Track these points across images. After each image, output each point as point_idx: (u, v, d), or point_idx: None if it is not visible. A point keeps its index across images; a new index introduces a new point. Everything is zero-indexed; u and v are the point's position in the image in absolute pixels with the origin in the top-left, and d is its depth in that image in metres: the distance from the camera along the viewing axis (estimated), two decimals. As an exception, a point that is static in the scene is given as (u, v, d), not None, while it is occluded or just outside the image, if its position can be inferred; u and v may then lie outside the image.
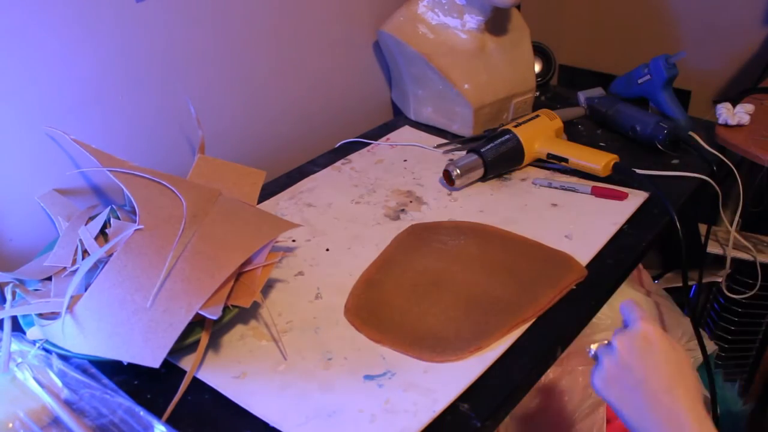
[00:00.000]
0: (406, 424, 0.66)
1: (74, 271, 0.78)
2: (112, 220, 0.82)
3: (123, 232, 0.74)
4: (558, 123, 1.13)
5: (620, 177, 1.05)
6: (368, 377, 0.72)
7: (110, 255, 0.74)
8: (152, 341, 0.67)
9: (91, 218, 0.86)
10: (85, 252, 0.79)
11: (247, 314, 0.80)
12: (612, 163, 1.04)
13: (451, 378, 0.71)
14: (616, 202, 1.01)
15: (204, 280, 0.70)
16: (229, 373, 0.74)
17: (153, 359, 0.67)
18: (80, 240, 0.80)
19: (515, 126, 1.11)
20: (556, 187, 1.06)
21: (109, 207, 0.86)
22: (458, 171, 1.06)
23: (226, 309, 0.73)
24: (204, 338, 0.73)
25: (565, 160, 1.08)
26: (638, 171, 1.09)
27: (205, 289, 0.69)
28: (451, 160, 1.10)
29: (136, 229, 0.73)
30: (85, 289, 0.71)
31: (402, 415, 0.67)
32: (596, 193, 1.03)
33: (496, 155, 1.08)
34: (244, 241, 0.77)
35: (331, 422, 0.67)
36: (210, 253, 0.73)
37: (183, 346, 0.72)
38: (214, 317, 0.69)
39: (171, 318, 0.68)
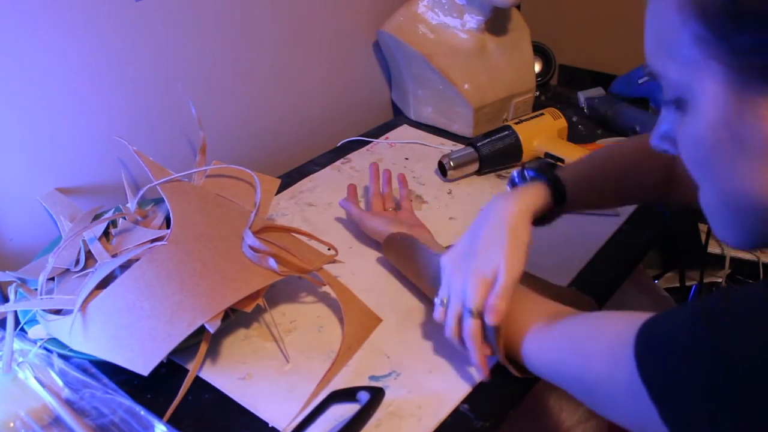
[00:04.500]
0: (411, 429, 0.66)
1: (78, 272, 0.78)
2: (120, 220, 0.82)
3: (150, 243, 0.75)
4: (562, 123, 1.13)
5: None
6: (374, 378, 0.72)
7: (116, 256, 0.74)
8: (148, 349, 0.67)
9: (97, 216, 0.86)
10: (89, 253, 0.79)
11: (250, 315, 0.80)
12: None
13: (456, 379, 0.71)
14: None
15: (216, 299, 0.70)
16: (234, 374, 0.73)
17: (143, 366, 0.67)
18: (83, 241, 0.80)
19: (516, 123, 1.11)
20: None
21: (114, 208, 0.87)
22: (452, 163, 1.08)
23: (227, 314, 0.73)
24: (203, 345, 0.73)
25: (561, 161, 1.08)
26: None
27: (213, 308, 0.69)
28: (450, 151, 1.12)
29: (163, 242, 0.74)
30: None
31: (407, 419, 0.67)
32: None
33: (492, 150, 1.09)
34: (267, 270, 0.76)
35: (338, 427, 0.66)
36: (229, 275, 0.73)
37: (188, 345, 0.72)
38: (212, 330, 0.69)
39: (171, 329, 0.68)
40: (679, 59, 0.45)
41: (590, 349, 0.55)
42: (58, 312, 0.74)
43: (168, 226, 0.82)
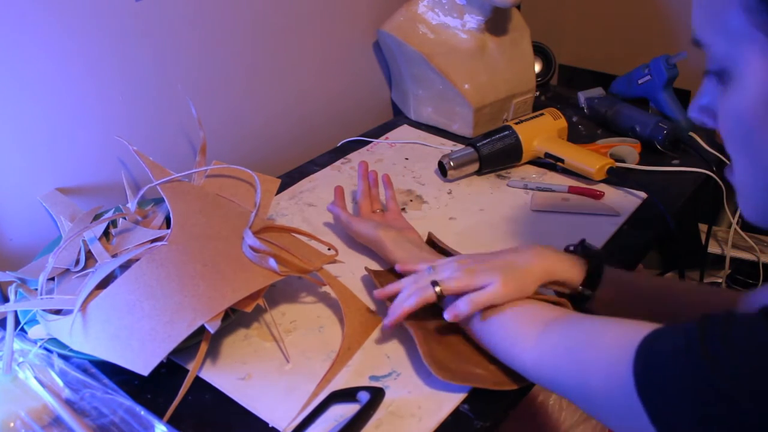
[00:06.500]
0: (411, 429, 0.66)
1: (78, 272, 0.78)
2: (120, 220, 0.82)
3: (151, 243, 0.75)
4: (562, 123, 1.13)
5: (616, 180, 1.05)
6: (374, 378, 0.72)
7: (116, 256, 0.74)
8: (148, 349, 0.67)
9: (97, 216, 0.86)
10: (89, 253, 0.79)
11: (251, 315, 0.80)
12: (607, 167, 1.04)
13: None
14: (616, 202, 1.01)
15: (215, 299, 0.70)
16: (234, 375, 0.73)
17: (144, 367, 0.67)
18: (83, 241, 0.80)
19: (516, 123, 1.11)
20: (531, 189, 1.06)
21: (114, 208, 0.86)
22: (452, 163, 1.08)
23: (227, 315, 0.73)
24: (203, 345, 0.73)
25: (561, 161, 1.08)
26: (638, 167, 1.09)
27: (213, 308, 0.69)
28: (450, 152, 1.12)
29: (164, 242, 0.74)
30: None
31: (408, 419, 0.67)
32: (573, 191, 1.04)
33: (492, 150, 1.09)
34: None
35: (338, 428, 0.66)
36: (229, 275, 0.73)
37: (188, 345, 0.72)
38: (212, 330, 0.69)
39: (171, 330, 0.68)
40: (726, 29, 0.44)
41: (588, 364, 0.55)
42: (58, 312, 0.74)
43: (168, 226, 0.82)
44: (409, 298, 0.71)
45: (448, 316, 0.69)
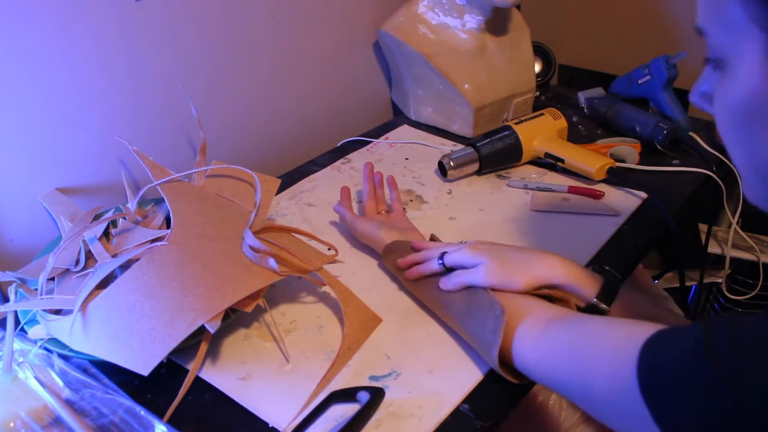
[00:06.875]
0: (411, 429, 0.66)
1: (78, 272, 0.78)
2: (120, 220, 0.82)
3: (151, 243, 0.75)
4: (562, 123, 1.13)
5: (616, 180, 1.05)
6: (374, 378, 0.72)
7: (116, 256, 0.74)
8: (148, 349, 0.67)
9: (97, 216, 0.86)
10: (89, 253, 0.79)
11: (251, 315, 0.80)
12: (607, 167, 1.04)
13: (456, 379, 0.71)
14: (616, 202, 1.01)
15: (215, 299, 0.70)
16: (234, 375, 0.73)
17: (144, 366, 0.66)
18: (83, 241, 0.80)
19: (516, 123, 1.11)
20: (531, 189, 1.06)
21: (114, 208, 0.86)
22: (452, 163, 1.08)
23: (227, 315, 0.73)
24: (203, 345, 0.73)
25: (561, 161, 1.08)
26: (638, 167, 1.09)
27: (213, 308, 0.69)
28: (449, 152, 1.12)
29: (164, 242, 0.74)
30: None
31: (408, 419, 0.67)
32: (573, 191, 1.04)
33: (492, 150, 1.09)
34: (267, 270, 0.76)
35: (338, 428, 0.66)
36: (229, 275, 0.73)
37: (188, 345, 0.72)
38: (212, 330, 0.69)
39: (171, 330, 0.68)
40: (725, 19, 0.45)
41: (590, 365, 0.55)
42: (58, 312, 0.74)
43: (168, 226, 0.82)
44: (422, 267, 0.79)
45: (441, 285, 0.76)
